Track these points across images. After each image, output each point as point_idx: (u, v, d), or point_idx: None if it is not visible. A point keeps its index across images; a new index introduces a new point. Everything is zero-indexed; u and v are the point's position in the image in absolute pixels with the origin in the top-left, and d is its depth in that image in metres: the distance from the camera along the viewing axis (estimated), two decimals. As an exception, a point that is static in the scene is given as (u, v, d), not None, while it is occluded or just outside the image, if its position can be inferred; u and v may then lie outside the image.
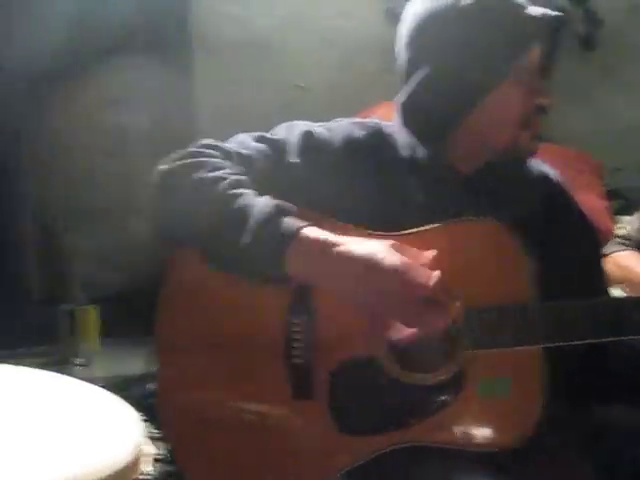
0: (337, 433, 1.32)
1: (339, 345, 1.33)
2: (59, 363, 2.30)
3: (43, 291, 2.93)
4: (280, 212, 1.24)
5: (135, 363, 2.48)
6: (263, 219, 1.23)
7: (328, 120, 1.51)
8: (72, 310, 2.37)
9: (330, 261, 1.21)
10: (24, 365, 1.02)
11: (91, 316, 2.43)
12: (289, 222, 1.23)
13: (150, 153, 3.30)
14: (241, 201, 1.26)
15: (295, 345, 1.33)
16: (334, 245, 1.22)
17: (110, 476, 0.65)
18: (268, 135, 1.44)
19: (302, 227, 1.22)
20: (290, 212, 1.25)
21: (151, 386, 2.18)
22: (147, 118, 3.45)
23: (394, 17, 3.19)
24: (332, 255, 1.21)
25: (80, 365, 2.36)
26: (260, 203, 1.25)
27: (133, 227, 2.81)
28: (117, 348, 2.61)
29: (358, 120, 1.52)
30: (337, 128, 1.47)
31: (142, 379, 2.34)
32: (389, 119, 1.54)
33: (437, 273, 1.20)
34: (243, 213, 1.24)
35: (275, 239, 1.22)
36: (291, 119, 1.49)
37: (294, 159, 1.41)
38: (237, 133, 1.47)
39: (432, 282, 1.18)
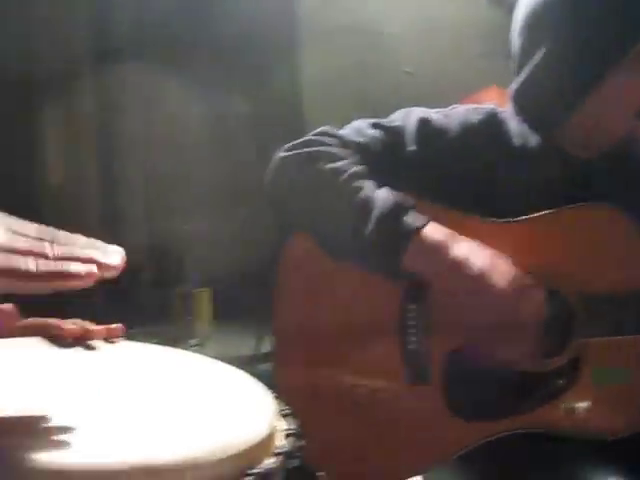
0: (451, 418, 1.33)
1: (454, 331, 1.34)
2: (174, 343, 2.37)
3: (159, 273, 3.03)
4: (400, 208, 1.28)
5: (245, 344, 2.55)
6: (383, 215, 1.27)
7: (435, 104, 1.51)
8: (187, 292, 2.44)
9: (446, 264, 1.26)
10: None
11: (205, 298, 2.50)
12: (409, 220, 1.27)
13: (260, 138, 3.36)
14: (361, 194, 1.30)
15: (410, 330, 1.35)
16: (452, 248, 1.27)
17: (250, 449, 0.68)
18: (385, 122, 1.45)
19: (422, 226, 1.27)
20: (409, 207, 1.28)
21: (263, 366, 2.24)
22: (255, 104, 3.52)
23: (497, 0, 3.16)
24: (448, 259, 1.26)
25: (195, 345, 2.43)
26: (380, 197, 1.28)
27: (245, 211, 2.88)
28: (227, 329, 2.68)
29: (474, 106, 1.52)
30: (454, 115, 1.47)
31: (253, 360, 2.40)
32: (498, 103, 1.54)
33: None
34: (363, 207, 1.29)
35: (394, 236, 1.27)
36: (398, 104, 1.50)
37: (411, 146, 1.42)
38: (343, 118, 1.49)
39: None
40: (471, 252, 1.27)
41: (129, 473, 0.61)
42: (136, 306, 2.79)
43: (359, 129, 1.44)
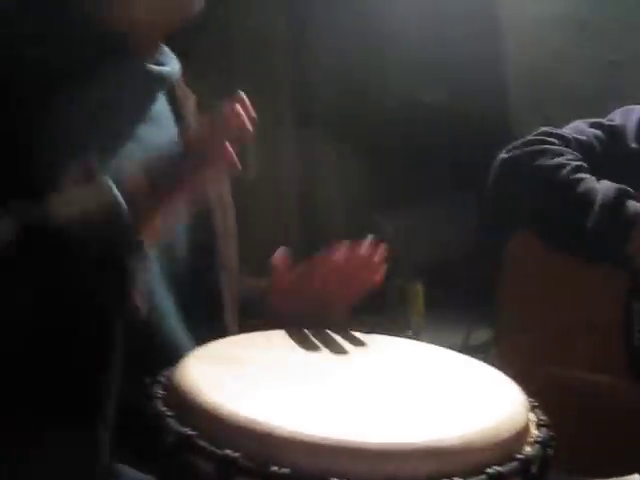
0: None
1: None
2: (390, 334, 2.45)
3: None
4: (624, 196, 1.31)
5: (454, 336, 2.60)
6: (608, 203, 1.31)
7: (640, 93, 1.52)
8: (401, 285, 2.50)
9: None
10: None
11: (418, 291, 2.57)
12: (634, 207, 1.30)
13: (458, 131, 3.40)
14: (584, 185, 1.35)
15: (635, 327, 1.37)
16: None
17: (516, 435, 0.77)
18: (604, 121, 1.48)
19: None
20: (633, 196, 1.31)
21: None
22: (455, 96, 3.54)
23: None
24: None
25: (410, 337, 2.50)
26: (603, 187, 1.32)
27: (456, 205, 2.93)
28: (437, 321, 2.74)
29: None
30: None
31: (462, 351, 2.45)
32: None
33: None
34: (587, 197, 1.34)
35: (621, 223, 1.30)
36: (605, 95, 1.52)
37: (632, 144, 1.44)
38: (555, 110, 1.53)
39: None
40: None
41: (413, 454, 0.71)
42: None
43: (579, 129, 1.48)
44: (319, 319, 1.09)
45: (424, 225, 2.93)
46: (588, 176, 1.36)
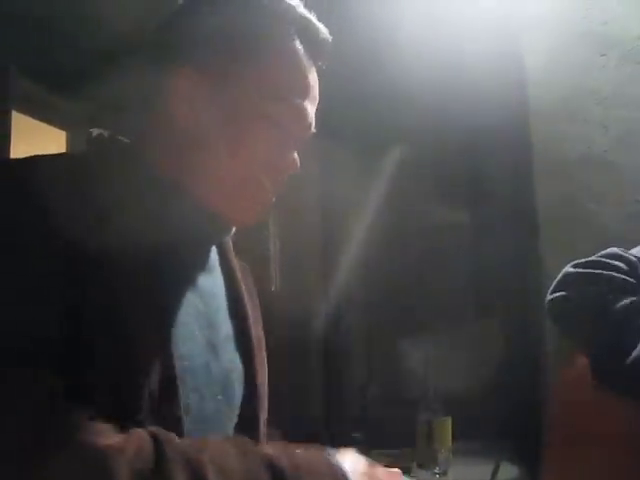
0: None
1: None
2: (418, 469, 2.47)
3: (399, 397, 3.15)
4: None
5: (481, 470, 2.60)
6: None
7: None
8: (430, 420, 2.51)
9: None
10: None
11: (447, 427, 2.57)
12: None
13: (487, 252, 3.46)
14: (633, 324, 1.36)
15: None
16: None
17: None
18: None
19: None
20: None
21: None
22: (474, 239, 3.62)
23: None
24: None
25: (438, 474, 2.51)
26: None
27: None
28: (464, 453, 2.73)
29: None
30: None
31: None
32: None
33: None
34: (634, 335, 1.34)
35: None
36: (631, 233, 1.56)
37: None
38: (578, 241, 1.55)
39: None
40: None
41: None
42: (375, 428, 2.88)
43: None
44: None
45: (451, 355, 2.95)
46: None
